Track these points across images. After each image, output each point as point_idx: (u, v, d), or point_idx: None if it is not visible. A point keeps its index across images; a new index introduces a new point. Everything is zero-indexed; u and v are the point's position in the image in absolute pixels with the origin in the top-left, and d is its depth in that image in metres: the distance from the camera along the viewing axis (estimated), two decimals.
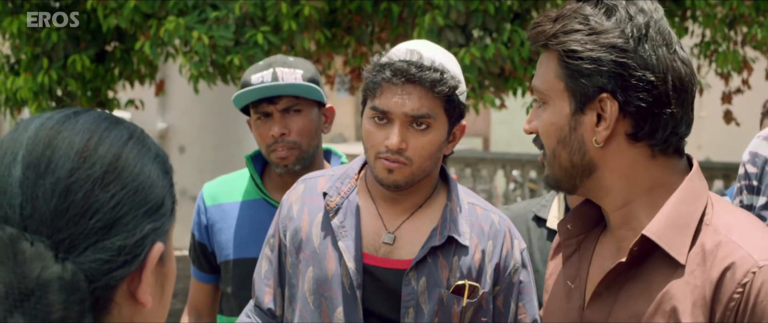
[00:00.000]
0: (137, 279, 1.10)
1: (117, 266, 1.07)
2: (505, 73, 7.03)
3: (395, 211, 2.46)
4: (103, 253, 1.06)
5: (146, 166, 1.12)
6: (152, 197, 1.12)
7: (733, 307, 1.59)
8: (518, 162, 13.24)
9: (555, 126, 1.70)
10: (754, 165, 2.73)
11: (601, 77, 1.66)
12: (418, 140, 2.35)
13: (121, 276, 1.08)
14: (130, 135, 1.14)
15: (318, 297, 2.41)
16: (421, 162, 2.36)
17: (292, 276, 2.47)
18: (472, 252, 2.43)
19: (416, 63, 2.34)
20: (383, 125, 2.36)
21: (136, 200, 1.10)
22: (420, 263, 2.39)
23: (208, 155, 12.65)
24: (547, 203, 2.96)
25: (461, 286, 2.40)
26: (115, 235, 1.07)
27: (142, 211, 1.10)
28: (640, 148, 1.70)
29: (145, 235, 1.10)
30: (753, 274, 1.58)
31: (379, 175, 2.38)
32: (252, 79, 2.95)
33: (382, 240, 2.43)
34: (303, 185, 2.55)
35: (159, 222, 1.12)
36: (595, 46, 1.66)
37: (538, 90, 1.73)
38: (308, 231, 2.46)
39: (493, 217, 2.51)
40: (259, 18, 6.71)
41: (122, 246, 1.08)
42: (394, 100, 2.34)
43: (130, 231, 1.08)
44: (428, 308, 2.38)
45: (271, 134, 2.92)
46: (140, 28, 7.03)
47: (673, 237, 1.65)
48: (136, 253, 1.09)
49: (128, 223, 1.08)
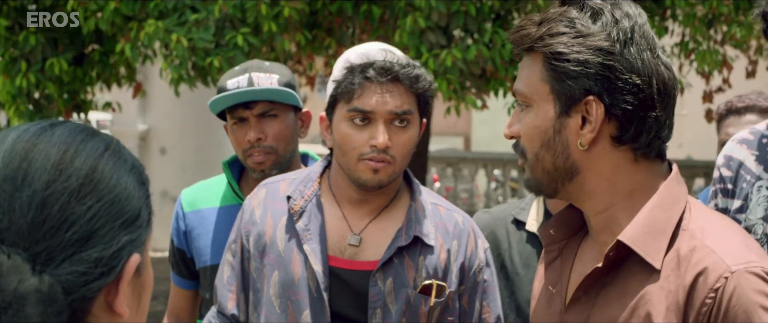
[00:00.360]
0: (114, 291, 1.11)
1: (94, 278, 1.07)
2: (486, 74, 7.04)
3: (360, 213, 2.46)
4: (79, 265, 1.06)
5: (122, 178, 1.12)
6: (129, 209, 1.12)
7: (705, 312, 1.59)
8: (500, 161, 13.28)
9: (539, 129, 1.70)
10: (729, 168, 2.74)
11: (588, 79, 1.66)
12: (400, 138, 2.37)
13: (98, 287, 1.08)
14: (106, 147, 1.14)
15: (284, 301, 2.40)
16: (402, 159, 2.39)
17: (257, 280, 2.46)
18: (437, 251, 2.44)
19: (397, 61, 2.37)
20: (364, 126, 2.36)
21: (113, 212, 1.10)
22: (386, 264, 2.40)
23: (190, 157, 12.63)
24: (526, 206, 2.96)
25: (429, 286, 2.41)
26: (91, 247, 1.07)
27: (118, 223, 1.10)
28: (623, 151, 1.70)
29: (122, 247, 1.10)
30: (725, 279, 1.58)
31: (363, 177, 2.38)
32: (228, 84, 2.95)
33: (347, 242, 2.43)
34: (264, 189, 2.54)
35: (135, 234, 1.12)
36: (582, 49, 1.66)
37: (522, 93, 1.72)
38: (272, 235, 2.45)
39: (456, 217, 2.53)
40: (238, 20, 6.70)
41: (99, 258, 1.08)
42: (375, 99, 2.35)
43: (107, 243, 1.09)
44: (395, 308, 2.39)
45: (247, 139, 2.91)
46: (121, 30, 7.01)
47: (649, 243, 1.66)
48: (112, 265, 1.09)
49: (105, 235, 1.09)
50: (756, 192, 2.65)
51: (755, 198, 2.65)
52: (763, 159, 2.67)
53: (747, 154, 2.70)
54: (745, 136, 2.75)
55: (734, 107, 3.44)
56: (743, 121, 3.40)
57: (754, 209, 2.64)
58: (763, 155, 2.67)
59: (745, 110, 3.42)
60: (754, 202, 2.65)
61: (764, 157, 2.67)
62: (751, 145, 2.71)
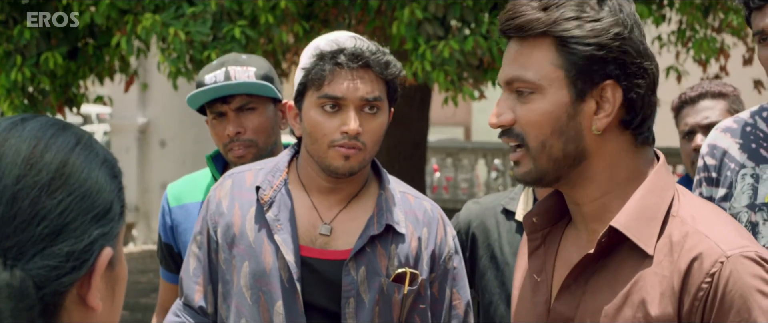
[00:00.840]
0: (87, 285, 1.11)
1: (65, 272, 1.07)
2: (483, 65, 7.04)
3: (330, 202, 2.45)
4: (51, 260, 1.07)
5: (93, 172, 1.12)
6: (100, 202, 1.12)
7: (701, 297, 1.60)
8: (500, 151, 13.27)
9: (551, 115, 1.67)
10: (713, 157, 2.74)
11: (607, 64, 1.66)
12: (370, 124, 2.37)
13: (70, 281, 1.08)
14: (77, 140, 1.14)
15: (256, 292, 2.39)
16: (372, 146, 2.38)
17: (226, 272, 2.44)
18: (408, 239, 2.45)
19: (367, 48, 2.37)
20: (335, 113, 2.36)
21: (84, 206, 1.10)
22: (359, 253, 2.39)
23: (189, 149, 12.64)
24: (515, 196, 2.97)
25: (402, 274, 2.42)
26: (62, 241, 1.07)
27: (89, 217, 1.10)
28: (626, 136, 1.71)
29: (94, 241, 1.10)
30: (721, 264, 1.59)
31: (334, 164, 2.37)
32: (205, 79, 2.95)
33: (318, 232, 2.42)
34: (230, 180, 2.53)
35: (107, 227, 1.12)
36: (600, 33, 1.66)
37: (527, 80, 1.68)
38: (241, 226, 2.44)
39: (425, 205, 2.53)
40: (235, 12, 6.70)
41: (70, 252, 1.08)
42: (346, 85, 2.34)
43: (78, 237, 1.09)
44: (369, 298, 2.39)
45: (227, 133, 2.91)
46: (117, 24, 7.01)
47: (641, 229, 1.66)
48: (84, 259, 1.09)
49: (76, 229, 1.08)
50: (740, 181, 2.65)
51: (740, 186, 2.65)
52: (747, 147, 2.67)
53: (731, 143, 2.71)
54: (729, 124, 2.75)
55: (688, 97, 3.46)
56: (699, 107, 3.43)
57: (738, 197, 2.65)
58: (746, 143, 2.68)
59: (698, 98, 3.44)
60: (738, 190, 2.65)
61: (748, 145, 2.67)
62: (735, 134, 2.72)
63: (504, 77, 1.71)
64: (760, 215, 2.60)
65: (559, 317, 1.73)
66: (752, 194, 2.62)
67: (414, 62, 6.58)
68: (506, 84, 1.70)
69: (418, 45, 6.62)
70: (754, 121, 2.70)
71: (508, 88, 1.71)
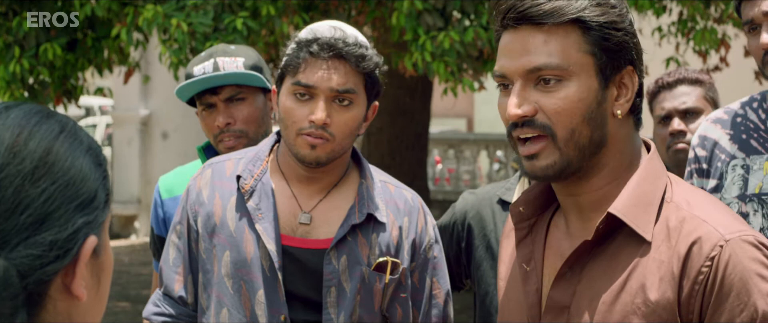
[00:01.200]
0: (71, 273, 1.10)
1: (49, 261, 1.07)
2: (483, 56, 7.03)
3: (310, 191, 2.46)
4: (34, 248, 1.06)
5: (78, 160, 1.12)
6: (84, 191, 1.11)
7: (701, 281, 1.61)
8: (502, 142, 13.26)
9: (584, 102, 1.66)
10: (703, 148, 2.75)
11: (629, 50, 1.69)
12: (341, 116, 2.36)
13: (54, 270, 1.08)
14: (61, 128, 1.13)
15: (237, 281, 2.40)
16: (342, 138, 2.38)
17: (206, 261, 2.44)
18: (389, 229, 2.45)
19: (342, 38, 2.36)
20: (306, 101, 2.36)
21: (68, 194, 1.09)
22: (340, 242, 2.40)
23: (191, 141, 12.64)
24: (511, 186, 2.97)
25: (383, 263, 2.42)
26: (46, 230, 1.07)
27: (73, 205, 1.09)
28: (631, 121, 1.74)
29: (78, 229, 1.09)
30: (720, 248, 1.61)
31: (301, 152, 2.37)
32: (194, 71, 2.94)
33: (298, 221, 2.43)
34: (210, 170, 2.52)
35: (92, 216, 1.12)
36: (623, 19, 1.69)
37: (556, 67, 1.66)
38: (222, 216, 2.44)
39: (406, 194, 2.54)
40: (237, 4, 6.70)
41: (54, 240, 1.07)
42: (318, 74, 2.34)
43: (62, 225, 1.08)
44: (350, 286, 2.40)
45: (217, 124, 2.91)
46: (117, 15, 7.01)
47: (639, 215, 1.67)
48: (68, 247, 1.08)
49: (60, 218, 1.08)
50: (731, 171, 2.66)
51: (730, 177, 2.66)
52: (737, 138, 2.68)
53: (721, 133, 2.71)
54: (719, 115, 2.76)
55: (665, 82, 3.43)
56: (676, 93, 3.40)
57: (729, 188, 2.66)
58: (737, 134, 2.69)
59: (675, 83, 3.41)
60: (728, 181, 2.66)
61: (738, 136, 2.68)
62: (725, 125, 2.72)
63: (526, 66, 1.67)
64: (751, 206, 2.60)
65: (555, 304, 1.73)
66: (743, 185, 2.63)
67: (414, 53, 6.58)
68: (529, 73, 1.67)
69: (417, 36, 6.61)
70: (745, 111, 2.71)
71: (528, 77, 1.68)
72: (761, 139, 2.64)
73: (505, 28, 1.71)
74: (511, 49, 1.69)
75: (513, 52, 1.69)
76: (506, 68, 1.70)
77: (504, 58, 1.70)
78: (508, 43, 1.70)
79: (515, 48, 1.69)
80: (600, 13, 1.67)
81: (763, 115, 2.66)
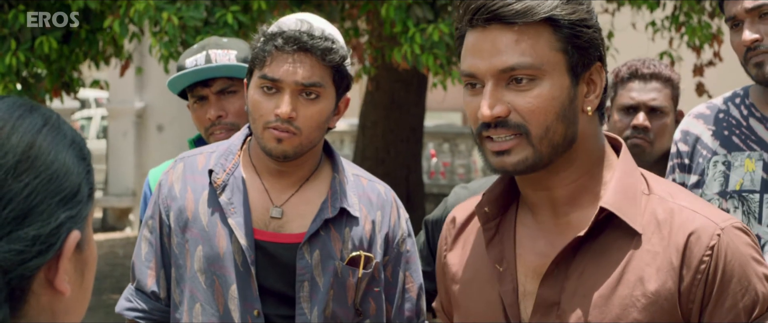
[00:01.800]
0: (54, 268, 1.09)
1: (32, 256, 1.06)
2: None
3: (281, 185, 2.45)
4: (17, 243, 1.05)
5: (61, 154, 1.11)
6: (67, 185, 1.10)
7: (703, 270, 1.64)
8: None
9: (557, 100, 1.66)
10: (686, 143, 2.75)
11: (598, 46, 1.71)
12: (307, 109, 2.35)
13: (37, 265, 1.07)
14: (44, 122, 1.12)
15: (210, 276, 2.39)
16: (309, 132, 2.36)
17: (179, 256, 2.44)
18: (362, 223, 2.45)
19: (307, 31, 2.34)
20: (272, 94, 2.35)
21: (51, 189, 1.08)
22: (313, 236, 2.40)
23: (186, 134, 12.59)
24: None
25: (356, 257, 2.42)
26: (29, 225, 1.06)
27: (56, 200, 1.09)
28: (596, 117, 1.75)
29: (61, 224, 1.09)
30: (718, 236, 1.65)
31: (268, 145, 2.36)
32: (186, 63, 2.93)
33: (270, 215, 2.42)
34: (182, 164, 2.51)
35: (75, 210, 1.11)
36: (591, 16, 1.70)
37: (528, 66, 1.65)
38: (194, 210, 2.43)
39: (379, 188, 2.54)
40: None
41: (37, 235, 1.06)
42: (284, 68, 2.33)
43: (45, 220, 1.07)
44: (323, 281, 2.39)
45: (208, 117, 2.90)
46: (110, 7, 7.01)
47: (628, 208, 1.69)
48: (51, 242, 1.08)
49: (43, 212, 1.07)
50: (712, 168, 2.66)
51: (711, 173, 2.66)
52: (719, 134, 2.68)
53: (703, 129, 2.72)
54: (702, 110, 2.76)
55: (640, 72, 3.29)
56: (649, 86, 3.27)
57: (710, 184, 2.66)
58: (719, 130, 2.69)
59: (650, 77, 3.28)
60: (710, 177, 2.66)
61: (720, 132, 2.68)
62: (708, 120, 2.73)
63: (499, 66, 1.65)
64: (731, 202, 2.61)
65: (544, 302, 1.72)
66: (724, 181, 2.64)
67: (403, 45, 6.59)
68: (501, 72, 1.65)
69: (407, 28, 6.62)
70: (727, 107, 2.71)
71: (500, 77, 1.66)
72: (743, 135, 2.64)
73: (472, 26, 1.70)
74: (481, 48, 1.68)
75: (483, 52, 1.67)
76: (476, 68, 1.68)
77: (474, 58, 1.69)
78: (477, 42, 1.68)
79: (485, 47, 1.67)
80: (571, 11, 1.67)
81: (745, 111, 2.66)
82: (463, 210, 1.94)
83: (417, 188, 10.41)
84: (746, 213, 2.58)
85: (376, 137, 10.02)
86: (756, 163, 2.59)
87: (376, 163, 9.96)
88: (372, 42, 8.15)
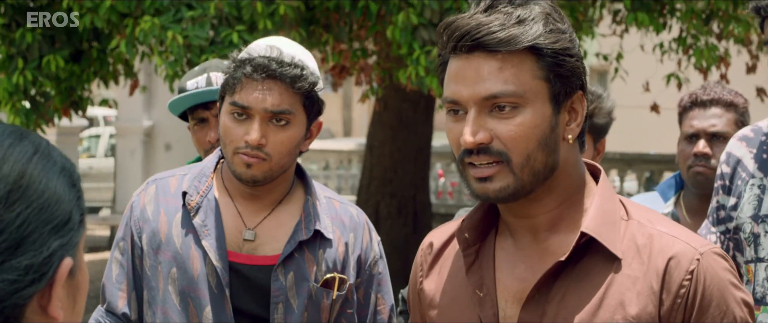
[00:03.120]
0: (47, 295, 1.09)
1: (25, 285, 1.06)
2: None
3: (254, 208, 2.46)
4: (10, 273, 1.05)
5: (52, 181, 1.11)
6: (59, 213, 1.10)
7: (683, 294, 1.65)
8: None
9: (539, 128, 1.67)
10: (728, 165, 2.74)
11: (580, 75, 1.71)
12: (277, 136, 2.36)
13: (30, 294, 1.07)
14: (35, 150, 1.12)
15: (184, 298, 2.40)
16: (279, 158, 2.37)
17: (151, 278, 2.44)
18: (336, 245, 2.47)
19: (276, 59, 2.35)
20: (242, 121, 2.36)
21: (42, 218, 1.08)
22: (287, 258, 2.41)
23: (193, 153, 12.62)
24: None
25: (331, 279, 2.44)
26: (21, 254, 1.06)
27: (48, 228, 1.09)
28: (576, 145, 1.76)
29: (53, 252, 1.08)
30: (697, 261, 1.66)
31: (238, 170, 2.37)
32: (187, 85, 2.95)
33: (243, 238, 2.43)
34: (154, 186, 2.52)
35: (66, 238, 1.11)
36: (573, 45, 1.71)
37: (512, 93, 1.66)
38: (167, 232, 2.44)
39: (351, 210, 2.56)
40: (234, 17, 6.72)
41: (29, 265, 1.06)
42: (254, 95, 2.34)
43: (37, 249, 1.07)
44: (297, 303, 2.40)
45: (208, 140, 2.91)
46: (117, 27, 7.04)
47: (608, 233, 1.70)
48: (43, 271, 1.08)
49: (35, 242, 1.07)
50: (748, 191, 2.64)
51: (746, 196, 2.64)
52: (759, 157, 2.67)
53: (745, 152, 2.70)
54: (746, 133, 2.74)
55: (699, 99, 3.36)
56: (708, 113, 3.33)
57: (744, 207, 2.64)
58: (759, 153, 2.67)
59: (710, 103, 3.34)
60: (744, 200, 2.64)
61: (760, 155, 2.67)
62: (751, 143, 2.71)
63: (482, 93, 1.66)
64: (762, 227, 2.59)
65: None
66: (757, 205, 2.62)
67: (409, 67, 6.60)
68: (484, 100, 1.66)
69: (412, 50, 6.64)
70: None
71: (483, 104, 1.67)
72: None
73: (456, 54, 1.69)
74: (464, 75, 1.68)
75: (467, 79, 1.67)
76: (459, 95, 1.68)
77: (457, 85, 1.68)
78: (460, 69, 1.68)
79: (469, 75, 1.67)
80: (554, 40, 1.67)
81: None
82: (439, 235, 1.93)
83: (424, 208, 10.41)
84: None
85: (384, 157, 10.03)
86: None
87: (384, 183, 9.97)
88: (380, 63, 8.16)
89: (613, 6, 8.91)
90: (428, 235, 1.97)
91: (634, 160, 13.17)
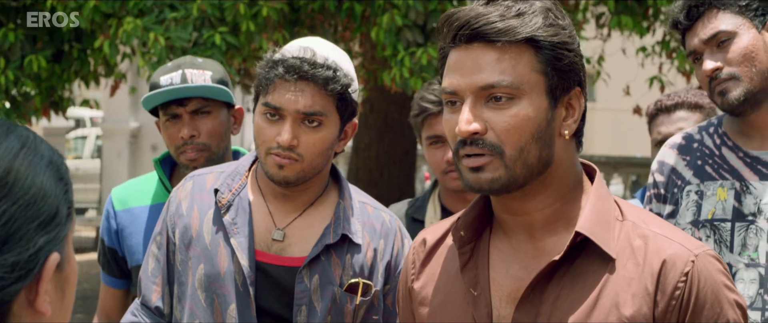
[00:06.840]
0: (34, 290, 1.09)
1: (11, 282, 1.06)
2: None
3: (286, 208, 2.45)
4: None
5: (38, 177, 1.10)
6: (45, 208, 1.10)
7: (678, 296, 1.66)
8: None
9: (534, 121, 1.68)
10: (662, 173, 2.75)
11: (578, 72, 1.72)
12: (309, 137, 2.35)
13: (16, 290, 1.07)
14: (21, 144, 1.11)
15: (210, 295, 2.39)
16: (312, 159, 2.37)
17: (182, 273, 2.44)
18: (364, 250, 2.44)
19: (309, 60, 2.34)
20: (275, 121, 2.36)
21: (29, 214, 1.08)
22: (313, 261, 2.39)
23: None
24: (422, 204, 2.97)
25: (355, 284, 2.41)
26: (8, 252, 1.06)
27: (34, 225, 1.08)
28: (573, 143, 1.76)
29: (40, 248, 1.08)
30: (692, 263, 1.67)
31: (270, 171, 2.37)
32: (161, 81, 2.93)
33: (272, 237, 2.42)
34: (191, 182, 2.52)
35: (53, 233, 1.10)
36: (573, 40, 1.71)
37: (508, 85, 1.67)
38: (199, 229, 2.44)
39: (384, 216, 2.53)
40: (217, 19, 6.71)
41: (16, 262, 1.06)
42: (286, 96, 2.33)
43: (23, 246, 1.07)
44: (321, 306, 2.38)
45: (181, 136, 2.90)
46: (100, 27, 7.02)
47: (603, 234, 1.70)
48: (30, 267, 1.07)
49: (21, 238, 1.07)
50: (685, 197, 2.66)
51: (684, 203, 2.66)
52: (693, 164, 2.68)
53: (678, 159, 2.72)
54: (677, 140, 2.76)
55: (663, 105, 3.41)
56: (674, 118, 3.39)
57: (683, 214, 2.65)
58: (693, 160, 2.69)
59: (674, 107, 3.39)
60: (683, 207, 2.66)
61: (694, 161, 2.68)
62: (682, 150, 2.72)
63: (479, 83, 1.67)
64: (703, 232, 2.61)
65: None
66: (696, 210, 2.63)
67: (393, 68, 6.60)
68: (480, 90, 1.67)
69: (397, 51, 6.63)
70: (701, 136, 2.71)
71: (480, 94, 1.68)
72: (715, 164, 2.64)
73: (455, 45, 1.71)
74: (462, 66, 1.69)
75: (464, 69, 1.69)
76: (457, 85, 1.70)
77: (455, 75, 1.70)
78: (459, 60, 1.70)
79: (467, 65, 1.69)
80: (553, 34, 1.68)
81: (718, 139, 2.66)
82: (433, 233, 1.94)
83: None
84: (718, 242, 2.57)
85: (370, 159, 10.01)
86: (728, 192, 2.59)
87: (369, 185, 9.95)
88: (365, 64, 8.16)
89: (596, 10, 8.92)
90: (421, 232, 1.97)
91: (620, 163, 13.19)
